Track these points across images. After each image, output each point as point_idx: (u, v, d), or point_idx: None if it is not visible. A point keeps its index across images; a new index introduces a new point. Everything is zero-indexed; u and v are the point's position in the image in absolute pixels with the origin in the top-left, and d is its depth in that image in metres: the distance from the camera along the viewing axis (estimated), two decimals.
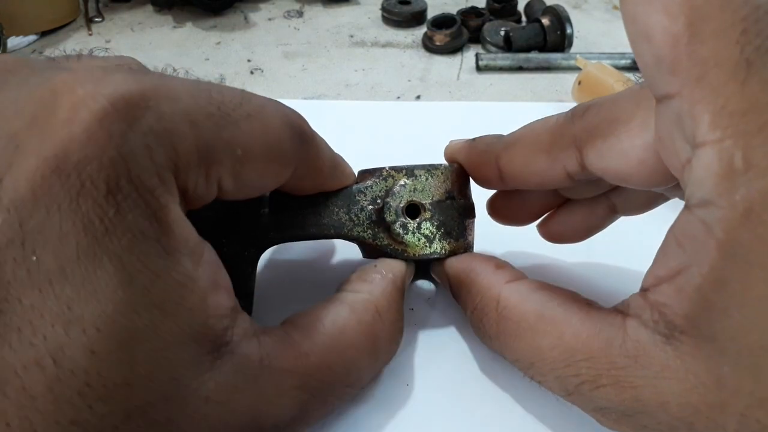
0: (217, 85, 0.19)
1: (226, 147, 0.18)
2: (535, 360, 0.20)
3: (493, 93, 0.49)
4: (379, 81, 0.51)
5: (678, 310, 0.16)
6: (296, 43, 0.57)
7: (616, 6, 0.65)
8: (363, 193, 0.25)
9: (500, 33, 0.54)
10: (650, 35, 0.16)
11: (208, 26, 0.60)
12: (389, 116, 0.44)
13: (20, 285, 0.14)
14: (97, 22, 0.63)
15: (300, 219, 0.24)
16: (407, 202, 0.25)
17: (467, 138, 0.27)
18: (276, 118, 0.20)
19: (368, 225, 0.25)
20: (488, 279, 0.23)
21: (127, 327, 0.15)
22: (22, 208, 0.14)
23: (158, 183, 0.16)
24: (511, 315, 0.21)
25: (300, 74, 0.52)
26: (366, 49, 0.56)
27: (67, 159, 0.15)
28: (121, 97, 0.16)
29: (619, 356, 0.18)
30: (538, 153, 0.23)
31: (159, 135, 0.16)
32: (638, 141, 0.20)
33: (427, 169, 0.25)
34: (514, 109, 0.46)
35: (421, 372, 0.25)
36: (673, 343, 0.17)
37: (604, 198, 0.26)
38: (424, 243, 0.25)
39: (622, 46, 0.56)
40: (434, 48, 0.55)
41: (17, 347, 0.14)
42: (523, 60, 0.52)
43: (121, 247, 0.15)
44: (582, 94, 0.44)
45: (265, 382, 0.18)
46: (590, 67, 0.43)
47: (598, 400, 0.18)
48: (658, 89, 0.17)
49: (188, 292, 0.17)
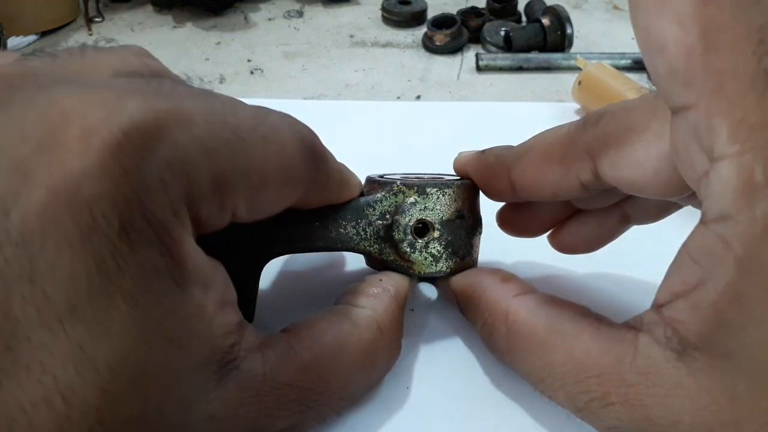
0: (231, 103, 0.18)
1: (242, 174, 0.17)
2: (546, 376, 0.20)
3: (493, 93, 0.49)
4: (379, 81, 0.51)
5: (692, 326, 0.16)
6: (296, 43, 0.57)
7: (616, 6, 0.65)
8: (372, 207, 0.25)
9: (500, 33, 0.54)
10: (663, 47, 0.16)
11: (208, 26, 0.60)
12: (389, 116, 0.44)
13: (29, 323, 0.14)
14: (97, 22, 0.63)
15: (307, 232, 0.24)
16: (417, 221, 0.25)
17: (476, 150, 0.26)
18: (290, 138, 0.19)
19: (375, 240, 0.25)
20: (496, 293, 0.22)
21: (140, 364, 0.15)
22: (30, 244, 0.14)
23: (172, 217, 0.16)
24: (521, 330, 0.21)
25: (300, 74, 0.52)
26: (366, 49, 0.56)
27: (78, 193, 0.14)
28: (135, 127, 0.15)
29: (629, 373, 0.17)
30: (551, 163, 0.23)
31: (174, 167, 0.16)
32: (653, 150, 0.19)
33: (439, 187, 0.25)
34: (514, 109, 0.46)
35: (422, 375, 0.25)
36: (686, 360, 0.16)
37: (616, 207, 0.26)
38: (430, 262, 0.25)
39: (622, 46, 0.56)
40: (434, 48, 0.55)
41: (25, 385, 0.14)
42: (523, 60, 0.52)
43: (133, 285, 0.15)
44: (582, 94, 0.44)
45: (267, 397, 0.18)
46: (590, 67, 0.43)
47: (608, 418, 0.18)
48: (673, 101, 0.16)
49: (198, 321, 0.16)
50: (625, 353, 0.18)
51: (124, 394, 0.15)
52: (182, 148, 0.16)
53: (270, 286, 0.29)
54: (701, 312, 0.16)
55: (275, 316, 0.27)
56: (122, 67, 0.19)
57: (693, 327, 0.16)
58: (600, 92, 0.42)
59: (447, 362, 0.26)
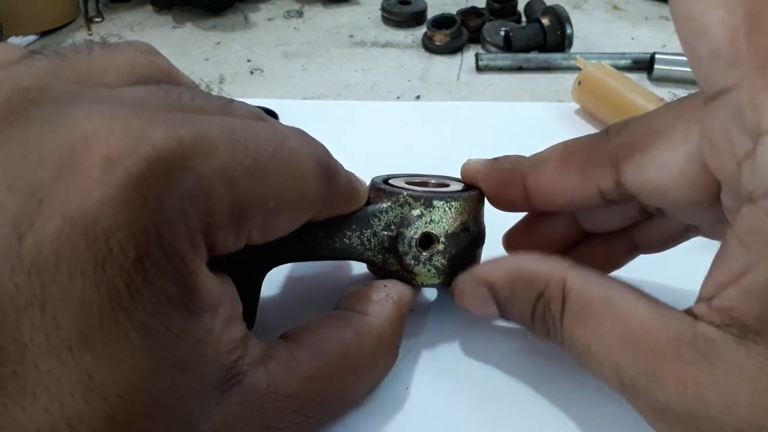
0: (252, 128, 0.18)
1: (260, 201, 0.17)
2: (594, 345, 0.19)
3: (493, 93, 0.49)
4: (379, 81, 0.51)
5: (748, 311, 0.16)
6: (296, 43, 0.57)
7: (616, 6, 0.65)
8: (377, 218, 0.24)
9: (500, 33, 0.54)
10: (706, 30, 0.16)
11: (208, 26, 0.60)
12: (389, 116, 0.44)
13: (38, 350, 0.13)
14: (97, 22, 0.62)
15: (311, 243, 0.24)
16: (422, 234, 0.24)
17: (485, 158, 0.26)
18: (308, 160, 0.19)
19: (379, 250, 0.25)
20: (551, 264, 0.21)
21: (148, 391, 0.15)
22: (44, 271, 0.13)
23: (189, 248, 0.16)
24: (576, 297, 0.20)
25: (300, 74, 0.52)
26: (366, 49, 0.56)
27: (96, 223, 0.14)
28: (158, 158, 0.15)
29: (687, 351, 0.17)
30: (570, 170, 0.23)
31: (195, 197, 0.15)
32: (680, 151, 0.19)
33: (446, 200, 0.24)
34: (514, 109, 0.46)
35: (421, 375, 0.25)
36: (747, 343, 0.16)
37: (625, 234, 0.26)
38: (433, 274, 0.25)
39: (622, 46, 0.56)
40: (434, 48, 0.55)
41: (31, 411, 0.13)
42: (523, 60, 0.52)
43: (145, 314, 0.15)
44: (582, 94, 0.44)
45: (269, 409, 0.18)
46: (590, 67, 0.43)
47: (654, 395, 0.18)
48: (714, 84, 0.17)
49: (205, 345, 0.16)
50: (683, 332, 0.17)
51: (131, 421, 0.14)
52: (204, 178, 0.16)
53: (268, 285, 0.29)
54: (755, 296, 0.16)
55: (274, 316, 0.27)
56: (130, 68, 0.19)
57: (749, 312, 0.16)
58: (600, 92, 0.42)
59: (446, 362, 0.26)
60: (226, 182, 0.16)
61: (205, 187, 0.16)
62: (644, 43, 0.57)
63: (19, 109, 0.15)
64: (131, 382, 0.14)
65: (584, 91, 0.43)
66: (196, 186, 0.15)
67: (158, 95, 0.17)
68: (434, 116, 0.44)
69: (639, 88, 0.41)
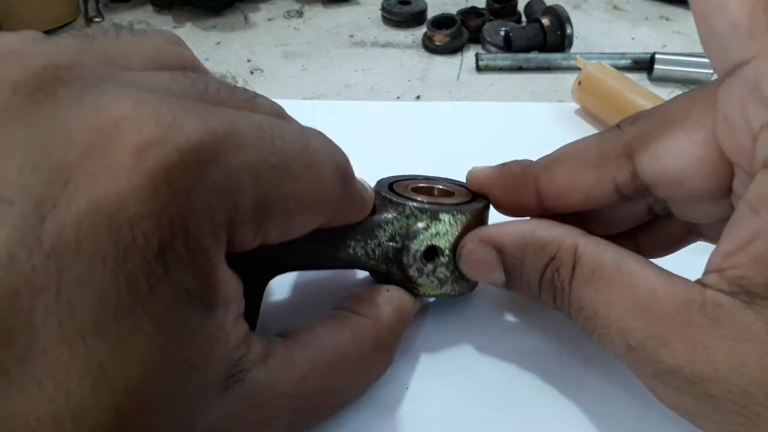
0: (279, 125, 0.18)
1: (282, 201, 0.17)
2: (602, 310, 0.19)
3: (493, 93, 0.49)
4: (379, 81, 0.51)
5: (756, 278, 0.16)
6: (296, 43, 0.57)
7: (616, 6, 0.65)
8: (382, 229, 0.24)
9: (500, 33, 0.54)
10: (725, 5, 0.17)
11: (208, 26, 0.60)
12: (389, 116, 0.44)
13: (49, 336, 0.13)
14: (97, 22, 0.62)
15: (316, 253, 0.24)
16: (426, 246, 0.24)
17: (491, 165, 0.26)
18: (329, 164, 0.19)
19: (383, 260, 0.25)
20: (563, 230, 0.22)
21: (157, 387, 0.15)
22: (63, 255, 0.13)
23: (213, 243, 0.15)
24: (587, 263, 0.20)
25: (300, 74, 0.52)
26: (366, 49, 0.56)
27: (121, 210, 0.13)
28: (191, 149, 0.14)
29: (696, 315, 0.17)
30: (585, 167, 0.23)
31: (223, 192, 0.15)
32: (697, 137, 0.20)
33: (452, 213, 0.24)
34: (514, 109, 0.46)
35: (421, 375, 0.25)
36: (755, 308, 0.16)
37: (629, 237, 0.26)
38: (436, 285, 0.25)
39: (622, 46, 0.56)
40: (434, 48, 0.55)
41: (35, 399, 0.13)
42: (523, 60, 0.52)
43: (163, 308, 0.14)
44: (582, 95, 0.44)
45: (266, 407, 0.18)
46: (590, 67, 0.43)
47: (663, 359, 0.18)
48: (731, 58, 0.17)
49: (217, 342, 0.16)
50: (693, 299, 0.18)
51: (136, 414, 0.14)
52: (233, 173, 0.15)
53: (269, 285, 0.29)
54: (763, 261, 0.16)
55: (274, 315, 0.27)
56: (156, 55, 0.18)
57: (757, 278, 0.16)
58: (600, 92, 0.42)
59: (446, 362, 0.26)
60: (253, 178, 0.16)
61: (234, 183, 0.15)
62: (644, 43, 0.57)
63: (48, 86, 0.14)
64: (142, 376, 0.14)
65: (584, 91, 0.43)
66: (225, 180, 0.15)
67: (185, 82, 0.17)
68: (434, 116, 0.44)
69: (639, 88, 0.41)
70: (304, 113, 0.22)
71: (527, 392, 0.25)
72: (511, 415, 0.24)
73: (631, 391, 0.25)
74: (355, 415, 0.24)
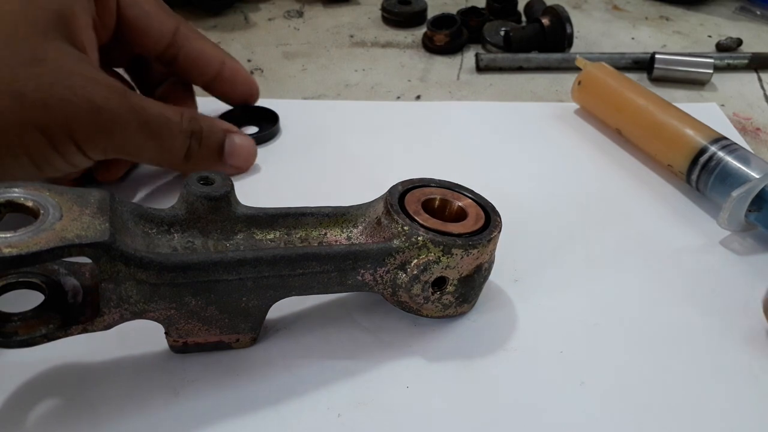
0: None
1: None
2: None
3: (493, 93, 0.49)
4: (379, 81, 0.51)
5: None
6: (296, 43, 0.57)
7: (616, 6, 0.65)
8: (392, 257, 0.24)
9: (500, 33, 0.54)
10: None
11: (208, 26, 0.60)
12: (389, 116, 0.44)
13: None
14: None
15: (324, 281, 0.24)
16: (437, 277, 0.25)
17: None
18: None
19: (390, 285, 0.25)
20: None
21: None
22: None
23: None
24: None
25: (300, 74, 0.52)
26: (366, 49, 0.56)
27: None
28: None
29: None
30: None
31: None
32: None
33: (465, 248, 0.24)
34: (514, 109, 0.46)
35: (421, 375, 0.25)
36: None
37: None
38: (440, 309, 0.26)
39: (622, 46, 0.56)
40: (434, 48, 0.55)
41: None
42: (523, 60, 0.52)
43: None
44: (582, 95, 0.44)
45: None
46: (590, 67, 0.43)
47: None
48: None
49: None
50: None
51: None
52: None
53: None
54: None
55: (274, 315, 0.27)
56: None
57: None
58: (600, 92, 0.42)
59: (446, 362, 0.26)
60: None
61: None
62: (644, 43, 0.57)
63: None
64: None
65: (584, 91, 0.43)
66: None
67: None
68: (434, 116, 0.44)
69: (639, 88, 0.41)
70: (304, 113, 0.22)
71: (527, 392, 0.25)
72: (512, 415, 0.24)
73: (631, 391, 0.25)
74: (355, 413, 0.24)
